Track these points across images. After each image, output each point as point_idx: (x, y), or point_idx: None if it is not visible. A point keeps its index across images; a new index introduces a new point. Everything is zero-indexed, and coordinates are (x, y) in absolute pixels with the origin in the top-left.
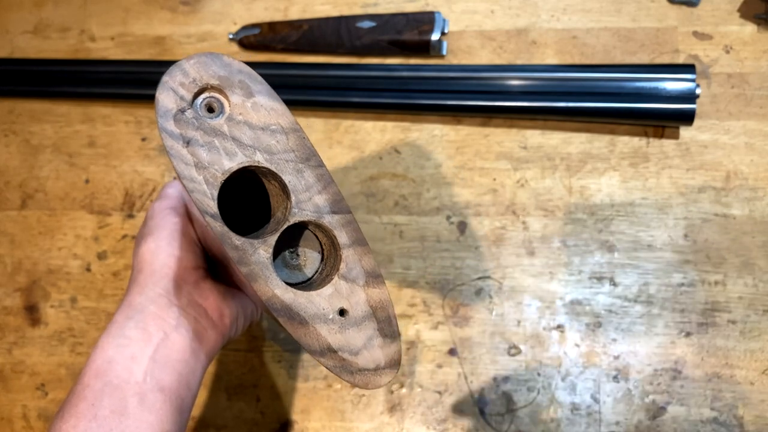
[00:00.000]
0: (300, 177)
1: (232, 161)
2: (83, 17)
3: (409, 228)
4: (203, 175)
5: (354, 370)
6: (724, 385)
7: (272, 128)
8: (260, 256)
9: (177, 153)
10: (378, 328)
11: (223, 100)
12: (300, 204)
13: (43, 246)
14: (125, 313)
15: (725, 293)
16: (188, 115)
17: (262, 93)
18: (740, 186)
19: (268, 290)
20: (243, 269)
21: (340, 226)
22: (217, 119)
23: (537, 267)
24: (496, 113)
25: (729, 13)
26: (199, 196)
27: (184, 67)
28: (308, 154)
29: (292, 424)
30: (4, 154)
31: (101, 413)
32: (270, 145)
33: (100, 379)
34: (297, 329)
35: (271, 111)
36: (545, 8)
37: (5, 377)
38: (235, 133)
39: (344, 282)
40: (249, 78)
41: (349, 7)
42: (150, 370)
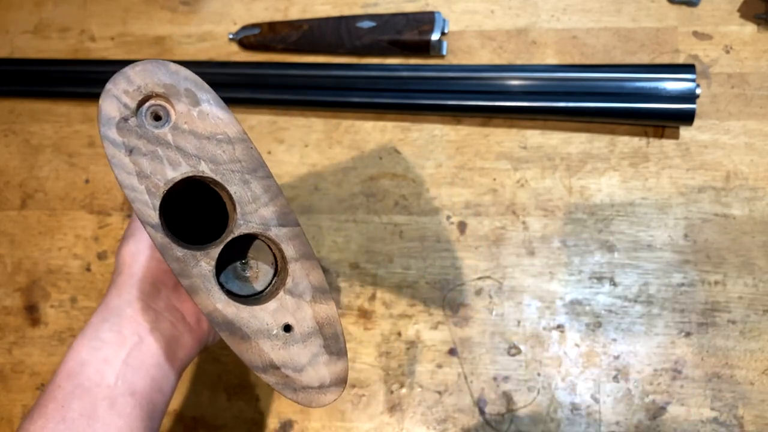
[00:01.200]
0: (246, 188)
1: (176, 171)
2: (83, 17)
3: (409, 228)
4: (145, 185)
5: (297, 388)
6: (724, 385)
7: (218, 137)
8: (202, 268)
9: (119, 162)
10: (324, 345)
11: (169, 108)
12: (246, 216)
13: (43, 246)
14: (101, 315)
15: (725, 293)
16: (131, 124)
17: (209, 101)
18: (740, 186)
19: (209, 304)
20: (184, 282)
21: (287, 239)
22: (162, 128)
23: (537, 267)
24: (496, 113)
25: (729, 13)
26: (140, 206)
27: (128, 74)
28: (256, 164)
29: (292, 424)
30: (4, 154)
31: (70, 415)
32: (215, 155)
33: (72, 380)
34: (239, 345)
35: (218, 120)
36: (545, 8)
37: (5, 377)
38: (179, 142)
39: (290, 297)
40: (195, 86)
41: (349, 7)
42: (122, 373)
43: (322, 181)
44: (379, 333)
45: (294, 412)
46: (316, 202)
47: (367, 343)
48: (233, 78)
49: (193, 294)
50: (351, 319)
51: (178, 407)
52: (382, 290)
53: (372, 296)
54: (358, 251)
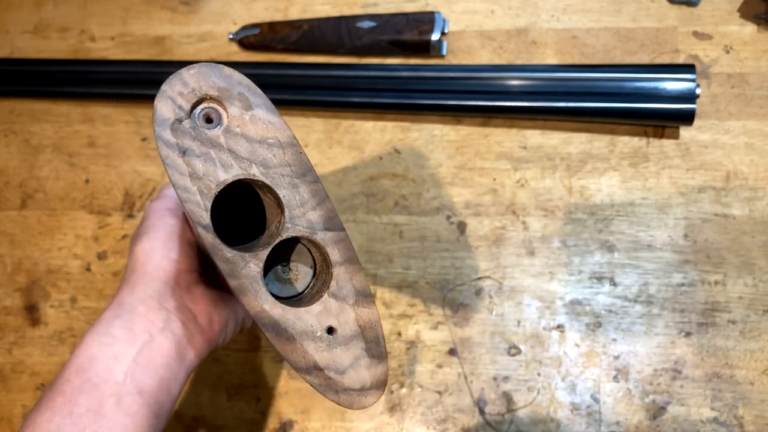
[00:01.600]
0: (295, 192)
1: (228, 173)
2: (83, 17)
3: (409, 228)
4: (197, 186)
5: (339, 390)
6: (724, 385)
7: (269, 142)
8: (251, 269)
9: (172, 162)
10: (366, 348)
11: (222, 112)
12: (294, 219)
13: (43, 246)
14: (113, 311)
15: (725, 293)
16: (185, 125)
17: (260, 106)
18: (740, 186)
19: (257, 305)
20: (233, 282)
21: (332, 243)
22: (215, 130)
23: (537, 267)
24: (496, 113)
25: (729, 13)
26: (193, 207)
27: (183, 76)
28: (304, 169)
29: (292, 424)
30: (4, 154)
31: (77, 410)
32: (266, 159)
33: (80, 375)
34: (284, 345)
35: (269, 125)
36: (545, 8)
37: (5, 377)
38: (231, 145)
39: (334, 300)
40: (248, 90)
41: (349, 7)
42: (131, 371)
43: (322, 181)
44: None
45: (294, 412)
46: None
47: None
48: None
49: (242, 295)
50: None
51: (178, 407)
52: (382, 290)
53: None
54: (358, 251)
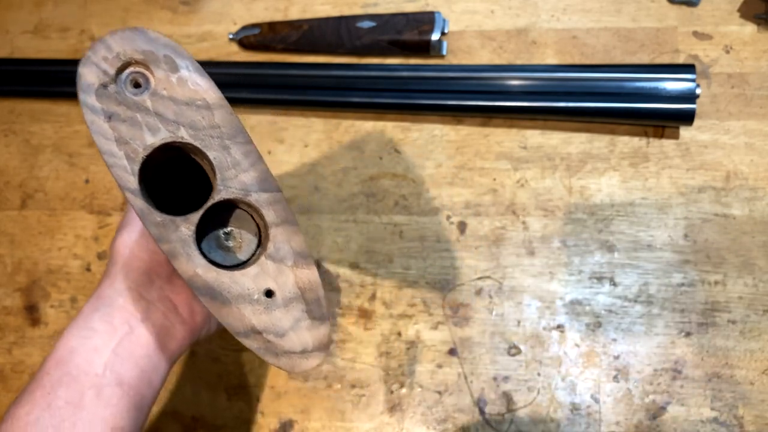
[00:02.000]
0: (226, 153)
1: (155, 137)
2: (83, 17)
3: (409, 228)
4: (124, 150)
5: (279, 353)
6: (724, 385)
7: (198, 104)
8: (182, 233)
9: (98, 128)
10: (306, 310)
11: (148, 75)
12: (226, 181)
13: (43, 246)
14: (93, 304)
15: (725, 293)
16: (111, 90)
17: (187, 68)
18: (740, 186)
19: (189, 269)
20: (164, 246)
21: (267, 204)
22: (141, 94)
23: (537, 267)
24: (496, 113)
25: (729, 13)
26: (119, 171)
27: (107, 41)
28: (235, 130)
29: (292, 424)
30: (4, 154)
31: (56, 403)
32: (195, 121)
33: (60, 368)
34: (220, 309)
35: (197, 86)
36: (545, 8)
37: (5, 377)
38: (158, 108)
39: (271, 262)
40: (174, 52)
41: (349, 7)
42: (111, 363)
43: (322, 181)
44: (379, 333)
45: (294, 412)
46: (316, 202)
47: (367, 343)
48: (233, 78)
49: (173, 259)
50: (351, 319)
51: (178, 407)
52: (382, 290)
53: (372, 296)
54: (358, 251)
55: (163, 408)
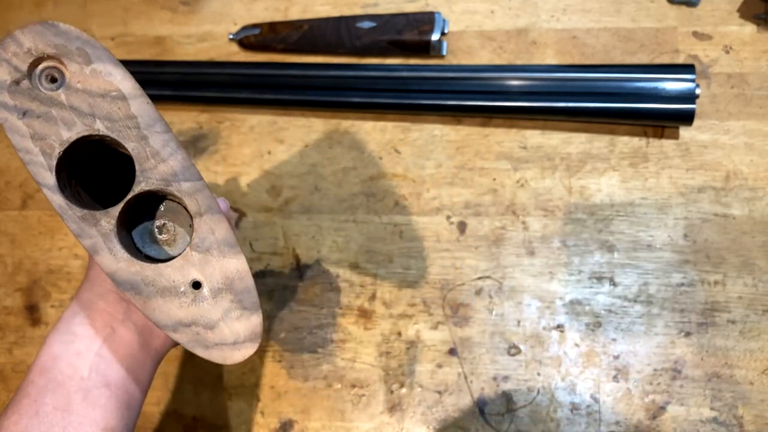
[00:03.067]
0: (144, 144)
1: (71, 131)
2: (83, 17)
3: (409, 228)
4: (39, 146)
5: (210, 345)
6: (723, 384)
7: (113, 95)
8: (102, 227)
9: (12, 125)
10: (236, 300)
11: (63, 69)
12: (145, 172)
13: (44, 246)
14: (73, 309)
15: (725, 293)
16: (23, 86)
17: (101, 59)
18: (740, 186)
19: (111, 263)
20: (84, 242)
21: (189, 193)
22: (56, 89)
23: (537, 267)
24: (496, 113)
25: (729, 13)
26: (35, 168)
27: (17, 37)
28: (152, 120)
29: (292, 424)
30: (4, 154)
31: (43, 409)
32: (110, 113)
33: (44, 375)
34: (144, 304)
35: (111, 77)
36: (545, 8)
37: (6, 377)
38: (73, 102)
39: (197, 252)
40: (87, 45)
41: (349, 7)
42: (95, 365)
43: (322, 181)
44: (379, 333)
45: (294, 412)
46: (316, 202)
47: (367, 343)
48: (233, 78)
49: (95, 254)
50: (351, 319)
51: (178, 407)
52: (382, 290)
53: (372, 296)
54: (358, 251)
55: (163, 408)
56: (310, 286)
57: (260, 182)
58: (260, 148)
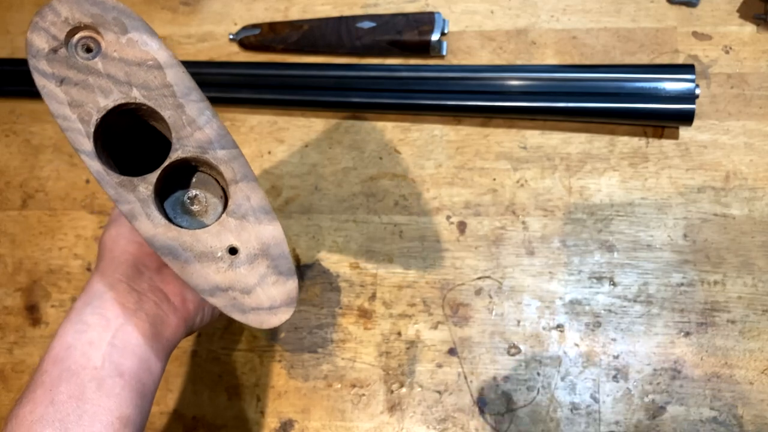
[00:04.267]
0: (180, 112)
1: (108, 99)
2: None
3: (409, 228)
4: (77, 113)
5: (246, 309)
6: (723, 384)
7: (149, 64)
8: (140, 193)
9: (50, 92)
10: (271, 266)
11: (98, 38)
12: (182, 140)
13: (44, 246)
14: (84, 299)
15: (725, 293)
16: (61, 54)
17: (137, 29)
18: (740, 186)
19: (149, 228)
20: (123, 207)
21: (226, 161)
22: (93, 58)
23: (537, 267)
24: (496, 113)
25: (728, 14)
26: (73, 135)
27: (54, 6)
28: (188, 89)
29: (292, 424)
30: (4, 154)
31: (58, 398)
32: (147, 81)
33: (58, 365)
34: (183, 268)
35: (147, 46)
36: (545, 8)
37: (6, 377)
38: (110, 70)
39: (233, 219)
40: (123, 14)
41: (349, 8)
42: (108, 354)
43: (322, 181)
44: (379, 333)
45: (294, 412)
46: (316, 202)
47: (367, 342)
48: (233, 78)
49: (133, 219)
50: (351, 318)
51: (178, 407)
52: (382, 290)
53: (372, 296)
54: (358, 251)
55: (163, 408)
56: (310, 286)
57: (260, 182)
58: (260, 148)
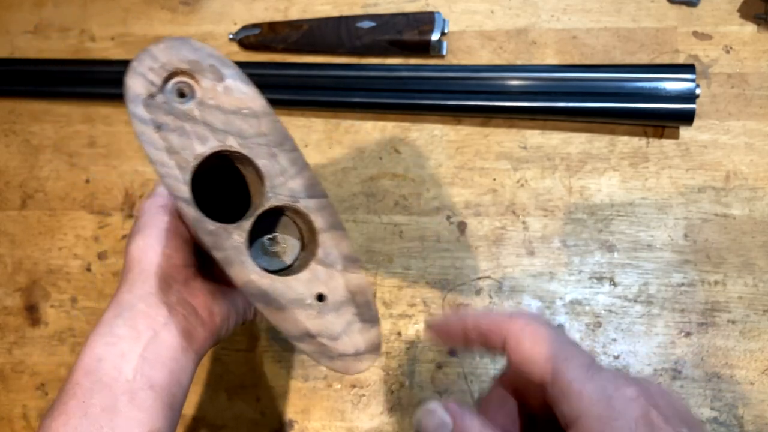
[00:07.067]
0: (274, 161)
1: (205, 146)
2: (83, 17)
3: (409, 228)
4: (175, 160)
5: (334, 356)
6: (723, 384)
7: (244, 112)
8: (234, 241)
9: (148, 138)
10: (357, 313)
11: (194, 85)
12: (275, 188)
13: (44, 246)
14: (114, 311)
15: (725, 293)
16: (158, 100)
17: (233, 77)
18: (740, 186)
19: (244, 275)
20: (218, 254)
21: (316, 210)
22: (188, 104)
23: (537, 267)
24: (496, 113)
25: (729, 13)
26: (171, 181)
27: (153, 52)
28: (281, 138)
29: (292, 424)
30: (4, 154)
31: (92, 411)
32: (242, 129)
33: (90, 377)
34: (275, 315)
35: (243, 95)
36: (545, 8)
37: (5, 377)
38: (206, 117)
39: (322, 267)
40: (219, 62)
41: (349, 7)
42: (140, 367)
43: (322, 181)
44: None
45: (294, 412)
46: None
47: None
48: None
49: (228, 266)
50: None
51: None
52: (382, 290)
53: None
54: (358, 251)
55: None
56: None
57: None
58: None
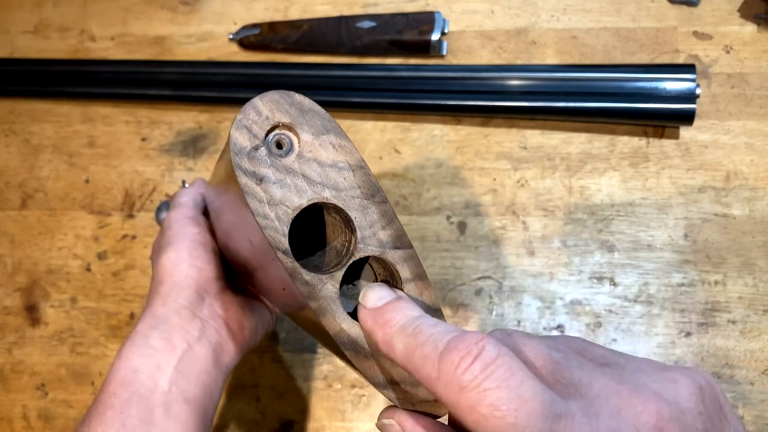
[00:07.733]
0: (365, 213)
1: (302, 198)
2: (83, 17)
3: (409, 228)
4: (275, 212)
5: (415, 402)
6: (724, 385)
7: (340, 165)
8: (328, 290)
9: (251, 190)
10: None
11: (293, 138)
12: (365, 240)
13: (43, 246)
14: (149, 323)
15: (725, 293)
16: (261, 153)
17: (331, 131)
18: (740, 186)
19: (336, 325)
20: (313, 304)
21: (402, 261)
22: (288, 156)
23: (537, 267)
24: (496, 113)
25: (729, 13)
26: (272, 233)
27: (257, 105)
28: (373, 190)
29: (292, 424)
30: (4, 154)
31: (129, 422)
32: (337, 182)
33: (127, 388)
34: (362, 362)
35: (340, 149)
36: (545, 8)
37: (5, 377)
38: (305, 170)
39: None
40: (319, 116)
41: (349, 7)
42: (175, 380)
43: None
44: None
45: (294, 412)
46: None
47: None
48: (233, 78)
49: (322, 316)
50: None
51: None
52: None
53: None
54: None
55: None
56: None
57: None
58: None
